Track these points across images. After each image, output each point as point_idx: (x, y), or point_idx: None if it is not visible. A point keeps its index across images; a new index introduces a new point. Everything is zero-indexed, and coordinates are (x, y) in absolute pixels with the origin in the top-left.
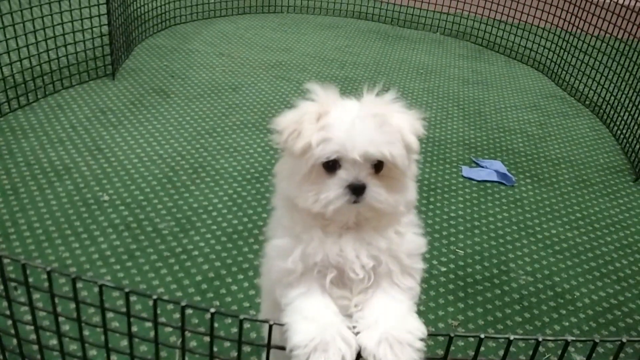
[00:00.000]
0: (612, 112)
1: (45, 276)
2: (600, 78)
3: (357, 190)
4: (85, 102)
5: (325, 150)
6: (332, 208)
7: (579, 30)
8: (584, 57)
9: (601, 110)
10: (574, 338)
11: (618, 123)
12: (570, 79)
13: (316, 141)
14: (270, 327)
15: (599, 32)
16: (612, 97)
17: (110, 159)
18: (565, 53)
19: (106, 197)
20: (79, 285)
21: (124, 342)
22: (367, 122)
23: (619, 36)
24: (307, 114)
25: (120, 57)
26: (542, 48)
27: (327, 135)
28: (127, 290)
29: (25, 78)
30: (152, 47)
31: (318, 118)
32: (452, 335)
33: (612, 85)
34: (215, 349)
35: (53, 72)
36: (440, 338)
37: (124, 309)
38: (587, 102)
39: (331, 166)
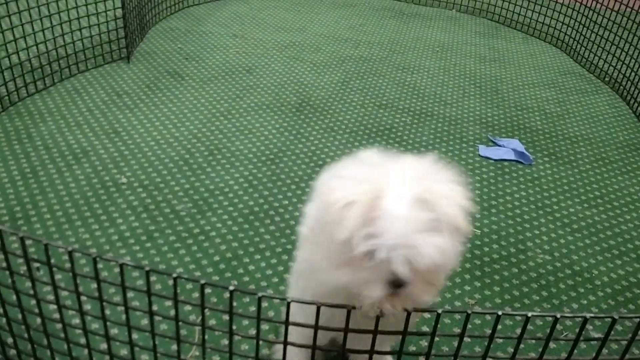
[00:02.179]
0: (632, 89)
1: (66, 257)
2: (621, 54)
3: (397, 286)
4: (101, 85)
5: (367, 247)
6: (367, 303)
7: (599, 5)
8: (604, 32)
9: (621, 87)
10: (592, 315)
11: (638, 99)
12: (589, 55)
13: (357, 240)
14: (288, 304)
15: (620, 6)
16: (633, 73)
17: (127, 142)
18: (585, 29)
19: (124, 180)
20: (100, 265)
21: (145, 321)
22: (416, 224)
23: None
24: (354, 205)
25: (134, 40)
26: (561, 24)
27: (371, 233)
28: (147, 269)
29: (41, 62)
30: (166, 29)
31: (366, 210)
32: (469, 312)
33: (633, 60)
34: (234, 327)
35: (69, 56)
36: (457, 316)
37: (144, 288)
38: (606, 79)
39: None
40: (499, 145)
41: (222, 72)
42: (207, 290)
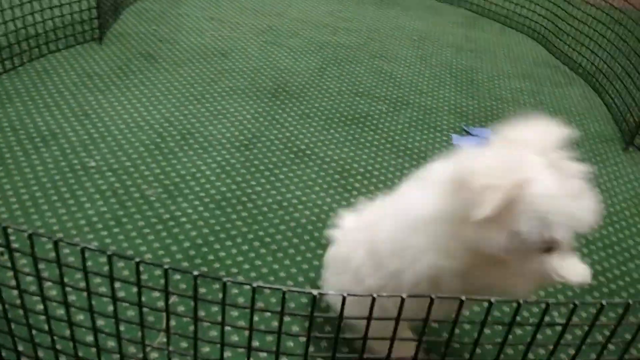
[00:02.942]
0: (604, 81)
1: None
2: (594, 46)
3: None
4: (71, 66)
5: (531, 226)
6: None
7: None
8: (579, 25)
9: (594, 79)
10: (554, 301)
11: (610, 92)
12: (564, 47)
13: (520, 222)
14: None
15: None
16: (606, 66)
17: (97, 125)
18: (561, 21)
19: (93, 163)
20: (66, 250)
21: (112, 307)
22: (568, 193)
23: (616, 4)
24: (506, 188)
25: (107, 20)
26: (538, 15)
27: (542, 220)
28: (109, 253)
29: (10, 41)
30: (141, 10)
31: (515, 193)
32: (433, 297)
33: (606, 54)
34: (203, 314)
35: (38, 36)
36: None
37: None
38: (580, 71)
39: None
40: (472, 135)
41: (196, 55)
42: (177, 276)
